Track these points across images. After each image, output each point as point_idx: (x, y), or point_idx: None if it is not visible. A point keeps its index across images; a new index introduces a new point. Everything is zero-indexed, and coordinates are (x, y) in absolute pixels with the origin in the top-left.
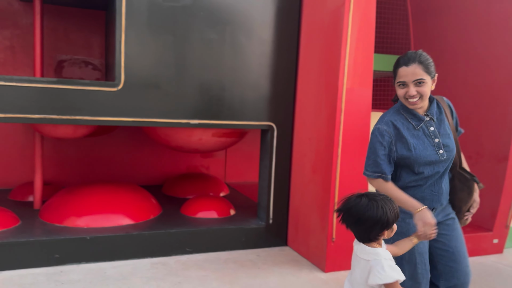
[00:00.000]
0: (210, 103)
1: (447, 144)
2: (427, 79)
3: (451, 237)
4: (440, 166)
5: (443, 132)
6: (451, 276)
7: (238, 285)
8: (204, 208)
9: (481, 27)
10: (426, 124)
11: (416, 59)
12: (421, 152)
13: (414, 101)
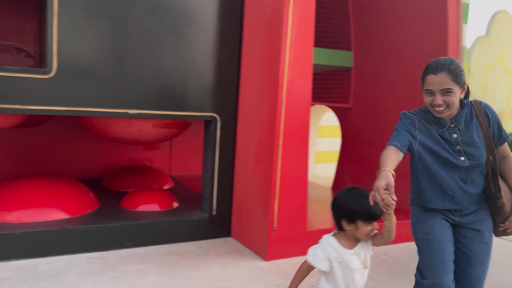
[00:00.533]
0: (150, 93)
1: (470, 152)
2: (455, 89)
3: (472, 241)
4: (463, 173)
5: (468, 140)
6: (462, 279)
7: (178, 277)
8: (145, 201)
9: (415, 23)
10: (449, 130)
11: (445, 67)
12: (437, 150)
13: (440, 110)
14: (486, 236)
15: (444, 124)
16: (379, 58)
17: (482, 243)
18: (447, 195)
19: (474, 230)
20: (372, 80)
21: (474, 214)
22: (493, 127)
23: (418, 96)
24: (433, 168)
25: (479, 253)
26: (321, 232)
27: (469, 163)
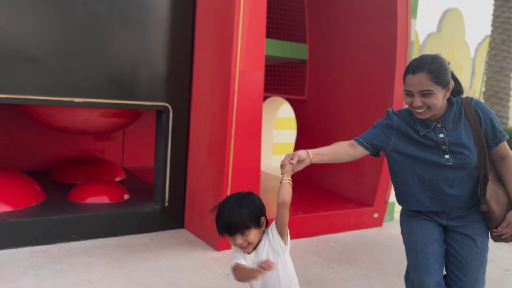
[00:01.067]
0: (98, 81)
1: (457, 152)
2: (436, 90)
3: (463, 245)
4: (446, 172)
5: (455, 140)
6: (455, 284)
7: (126, 269)
8: (94, 193)
9: (366, 17)
10: (436, 131)
11: (425, 67)
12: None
13: (420, 112)
14: (477, 241)
15: (429, 124)
16: (333, 51)
17: (474, 248)
18: (427, 197)
19: (464, 235)
20: (326, 72)
21: (463, 218)
22: (485, 126)
23: (369, 89)
24: (411, 169)
25: (471, 259)
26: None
27: (454, 162)
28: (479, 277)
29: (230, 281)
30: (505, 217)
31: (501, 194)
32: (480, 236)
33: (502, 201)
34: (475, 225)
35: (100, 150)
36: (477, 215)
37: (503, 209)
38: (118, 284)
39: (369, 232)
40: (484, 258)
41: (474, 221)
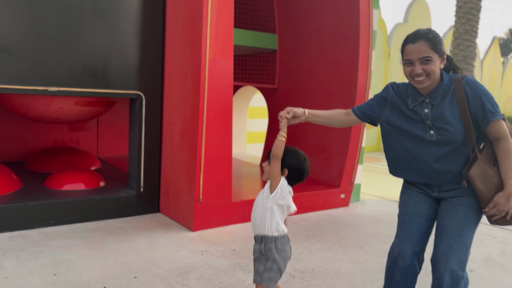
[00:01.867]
0: (71, 70)
1: (440, 127)
2: (434, 57)
3: (446, 214)
4: (431, 146)
5: (438, 116)
6: (434, 248)
7: (104, 249)
8: (70, 180)
9: (330, 9)
10: (422, 105)
11: (423, 36)
12: (407, 126)
13: (420, 80)
14: (460, 212)
15: (417, 98)
16: (301, 40)
17: (455, 218)
18: (413, 168)
19: (450, 204)
20: (295, 61)
21: (455, 190)
22: (474, 105)
23: (335, 76)
24: (402, 139)
25: (450, 227)
26: (246, 203)
27: (437, 138)
28: (454, 246)
29: (204, 257)
30: (494, 198)
31: (492, 175)
32: (465, 208)
33: (491, 182)
34: (464, 197)
35: (75, 141)
36: (469, 189)
37: (491, 189)
38: (96, 263)
39: (336, 212)
40: (464, 230)
41: (464, 195)
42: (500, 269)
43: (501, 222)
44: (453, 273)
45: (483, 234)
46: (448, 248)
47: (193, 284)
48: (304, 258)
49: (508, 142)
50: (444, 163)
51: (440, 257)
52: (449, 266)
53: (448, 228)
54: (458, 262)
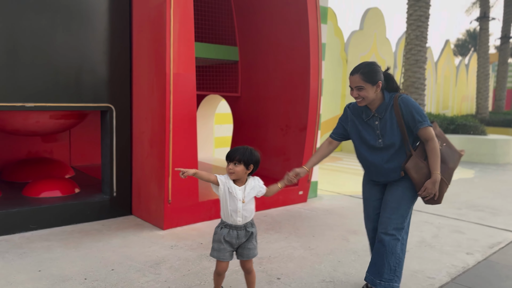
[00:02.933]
0: (46, 86)
1: (386, 135)
2: (366, 86)
3: (389, 192)
4: (380, 151)
5: (384, 126)
6: (379, 217)
7: (82, 248)
8: (47, 188)
9: (284, 24)
10: (373, 118)
11: (359, 70)
12: (364, 135)
13: (358, 101)
14: (399, 190)
15: (369, 113)
16: (259, 52)
17: (395, 195)
18: (372, 171)
19: (392, 185)
20: (254, 71)
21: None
22: (407, 117)
23: (290, 85)
24: (360, 149)
25: (390, 201)
26: (212, 202)
27: (384, 144)
28: (393, 216)
29: (173, 251)
30: (424, 184)
31: (423, 167)
32: (403, 188)
33: (422, 172)
34: (403, 180)
35: (48, 151)
36: (407, 177)
37: (422, 177)
38: (76, 260)
39: (295, 207)
40: (401, 204)
41: (405, 180)
42: (431, 249)
43: (431, 202)
44: (391, 237)
45: (422, 221)
46: (388, 217)
47: (164, 272)
48: (263, 247)
49: (434, 142)
50: (392, 162)
51: (382, 224)
52: (388, 230)
53: (389, 202)
54: (396, 228)
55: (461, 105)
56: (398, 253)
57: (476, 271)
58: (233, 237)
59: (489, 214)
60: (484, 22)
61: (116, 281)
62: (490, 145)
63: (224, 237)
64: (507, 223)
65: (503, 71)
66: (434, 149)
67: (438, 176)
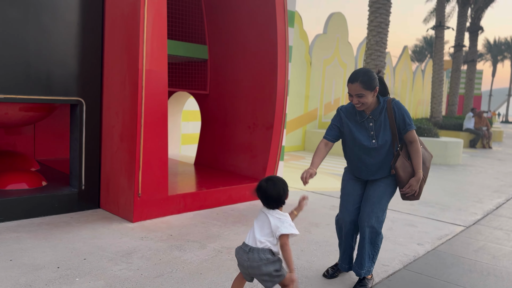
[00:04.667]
0: (16, 79)
1: (379, 137)
2: (366, 93)
3: (370, 187)
4: (372, 151)
5: (378, 128)
6: (360, 211)
7: (52, 239)
8: (13, 180)
9: (252, 25)
10: (368, 120)
11: (358, 79)
12: (357, 135)
13: (358, 106)
14: (381, 186)
15: (364, 115)
16: (228, 52)
17: (377, 190)
18: (362, 168)
19: (375, 182)
20: (223, 70)
21: (382, 178)
22: (398, 120)
23: (258, 84)
24: (354, 149)
25: (372, 196)
26: (181, 197)
27: (378, 145)
28: (375, 209)
29: (144, 242)
30: (409, 181)
31: (408, 166)
32: (384, 184)
33: (408, 171)
34: (385, 178)
35: (12, 144)
36: (390, 176)
37: (408, 175)
38: (47, 250)
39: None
40: (382, 199)
41: (386, 177)
42: (385, 240)
43: (411, 198)
44: (372, 229)
45: None
46: (370, 211)
47: (136, 262)
48: (231, 238)
49: (417, 144)
50: (382, 161)
51: (364, 217)
52: (370, 223)
53: (371, 197)
54: (377, 221)
55: (416, 109)
56: (378, 244)
57: (426, 259)
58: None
59: (439, 210)
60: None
61: (89, 270)
62: (442, 147)
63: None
64: (455, 218)
65: (456, 78)
66: (418, 150)
67: (421, 174)
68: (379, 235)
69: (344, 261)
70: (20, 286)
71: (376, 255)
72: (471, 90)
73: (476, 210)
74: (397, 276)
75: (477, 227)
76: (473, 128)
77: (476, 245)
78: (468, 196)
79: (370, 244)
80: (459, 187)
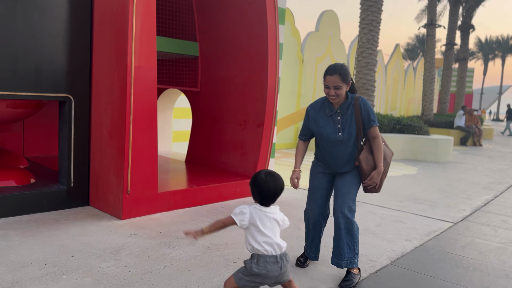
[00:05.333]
0: (4, 75)
1: (346, 130)
2: (342, 86)
3: (339, 180)
4: (339, 144)
5: (345, 122)
6: (334, 204)
7: (40, 236)
8: (1, 177)
9: (243, 23)
10: (336, 114)
11: (338, 71)
12: (325, 130)
13: (333, 98)
14: (348, 178)
15: (333, 109)
16: (219, 49)
17: (345, 182)
18: (330, 161)
19: (343, 175)
20: (214, 67)
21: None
22: (363, 115)
23: (249, 81)
24: (323, 142)
25: (341, 188)
26: (171, 194)
27: (343, 137)
28: (346, 200)
29: (132, 239)
30: (370, 174)
31: (370, 159)
32: (351, 176)
33: (370, 164)
34: (351, 172)
35: (0, 141)
36: (355, 169)
37: (370, 168)
38: (35, 247)
39: (251, 199)
40: (351, 190)
41: (352, 170)
42: (374, 236)
43: (372, 191)
44: (347, 219)
45: (367, 212)
46: (342, 202)
47: (124, 258)
48: (221, 235)
49: (379, 140)
50: (348, 154)
51: (337, 209)
52: (344, 213)
53: (341, 189)
54: (349, 211)
55: (408, 107)
56: (355, 234)
57: (413, 255)
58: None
59: (428, 207)
60: (431, 29)
61: (77, 267)
62: (433, 145)
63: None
64: (444, 214)
65: (447, 76)
66: (380, 145)
67: (382, 168)
68: (354, 224)
69: (312, 250)
70: (7, 283)
71: (357, 246)
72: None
73: (465, 206)
74: (384, 271)
75: (465, 223)
76: (464, 126)
77: (464, 241)
78: (457, 193)
79: (347, 234)
80: (449, 184)
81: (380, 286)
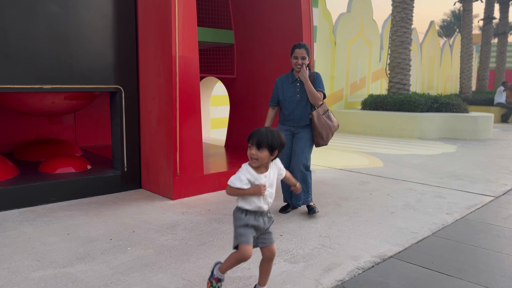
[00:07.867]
0: (61, 70)
1: (302, 93)
2: (307, 57)
3: (295, 143)
4: (297, 103)
5: (302, 87)
6: (291, 161)
7: (102, 216)
8: (61, 165)
9: (277, 8)
10: (296, 81)
11: (304, 46)
12: (288, 93)
13: (299, 68)
14: (302, 139)
15: (294, 78)
16: (254, 36)
17: (298, 142)
18: (290, 117)
19: (297, 137)
20: (250, 54)
21: (302, 127)
22: (315, 84)
23: (283, 66)
24: (285, 103)
25: (296, 148)
26: (215, 176)
27: (300, 97)
28: (301, 158)
29: (185, 216)
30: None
31: (321, 118)
32: (304, 139)
33: (320, 120)
34: (304, 132)
35: (55, 132)
36: (307, 127)
37: (320, 124)
38: (99, 225)
39: None
40: (304, 150)
41: (304, 130)
42: (414, 211)
43: (321, 144)
44: (302, 172)
45: (407, 189)
46: (298, 160)
47: (180, 233)
48: None
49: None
50: (302, 111)
51: (294, 166)
52: (299, 168)
53: (296, 148)
54: (304, 166)
55: (445, 85)
56: (308, 181)
57: (454, 227)
58: (260, 223)
59: (468, 182)
60: (467, 3)
61: (139, 240)
62: (472, 122)
63: (251, 222)
64: (484, 189)
65: (486, 52)
66: (315, 93)
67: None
68: (307, 175)
69: (287, 196)
70: (80, 255)
71: (310, 188)
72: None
73: (507, 181)
74: (426, 241)
75: (507, 197)
76: (505, 102)
77: (506, 213)
78: (498, 168)
79: (303, 182)
80: (490, 160)
81: (422, 255)
